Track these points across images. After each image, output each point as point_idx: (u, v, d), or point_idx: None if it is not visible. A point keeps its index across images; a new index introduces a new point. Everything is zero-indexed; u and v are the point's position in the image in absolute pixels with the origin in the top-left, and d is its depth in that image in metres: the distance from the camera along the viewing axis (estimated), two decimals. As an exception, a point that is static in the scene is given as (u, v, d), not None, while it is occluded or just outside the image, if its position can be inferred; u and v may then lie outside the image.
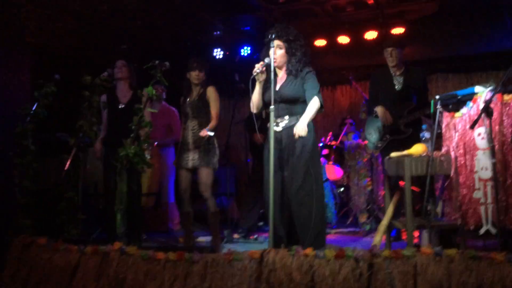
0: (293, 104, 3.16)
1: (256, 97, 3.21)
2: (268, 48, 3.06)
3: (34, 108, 3.61)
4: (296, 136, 2.98)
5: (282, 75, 3.27)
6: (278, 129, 3.13)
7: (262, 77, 3.11)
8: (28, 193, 3.49)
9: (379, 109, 4.07)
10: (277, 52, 3.14)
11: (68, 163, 3.54)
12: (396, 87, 4.11)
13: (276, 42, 3.12)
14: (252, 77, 3.08)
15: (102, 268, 2.44)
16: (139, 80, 4.02)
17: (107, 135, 3.98)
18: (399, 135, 4.02)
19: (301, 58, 3.18)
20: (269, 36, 3.11)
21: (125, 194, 3.16)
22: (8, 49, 5.04)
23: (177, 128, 4.83)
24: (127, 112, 3.65)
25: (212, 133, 3.77)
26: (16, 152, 3.52)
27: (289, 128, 3.09)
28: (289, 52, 3.18)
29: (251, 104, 3.23)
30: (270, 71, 2.98)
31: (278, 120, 3.14)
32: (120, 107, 3.93)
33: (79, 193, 3.47)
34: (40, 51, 5.39)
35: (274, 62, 3.03)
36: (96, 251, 2.50)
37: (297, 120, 3.06)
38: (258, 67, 3.05)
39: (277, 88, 3.18)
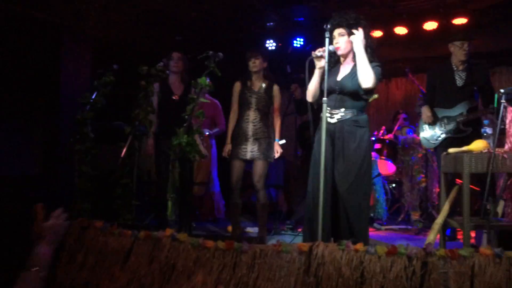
0: (352, 97, 2.94)
1: (313, 84, 3.05)
2: (330, 40, 2.89)
3: (93, 97, 3.75)
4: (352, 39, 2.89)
5: (346, 65, 3.05)
6: (332, 121, 2.95)
7: (321, 63, 2.93)
8: (86, 178, 3.64)
9: (423, 109, 4.06)
10: (340, 40, 2.98)
11: (124, 150, 3.66)
12: (458, 83, 3.91)
13: (338, 31, 2.97)
14: (309, 58, 2.91)
15: (154, 253, 2.50)
16: (193, 70, 4.08)
17: (160, 126, 4.04)
18: (457, 134, 3.84)
19: (367, 43, 2.93)
20: (327, 27, 2.88)
21: (177, 183, 3.23)
22: (71, 41, 5.28)
23: (221, 120, 4.91)
24: (181, 103, 3.71)
25: (283, 141, 3.87)
26: (76, 138, 3.69)
27: (343, 121, 2.93)
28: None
29: (307, 92, 3.09)
30: (331, 60, 2.92)
31: (333, 112, 2.96)
32: (174, 98, 4.00)
33: (133, 180, 3.58)
34: (99, 43, 5.62)
35: (338, 49, 2.97)
36: (149, 236, 2.56)
37: (353, 114, 2.92)
38: (319, 50, 2.90)
39: (339, 78, 3.01)
